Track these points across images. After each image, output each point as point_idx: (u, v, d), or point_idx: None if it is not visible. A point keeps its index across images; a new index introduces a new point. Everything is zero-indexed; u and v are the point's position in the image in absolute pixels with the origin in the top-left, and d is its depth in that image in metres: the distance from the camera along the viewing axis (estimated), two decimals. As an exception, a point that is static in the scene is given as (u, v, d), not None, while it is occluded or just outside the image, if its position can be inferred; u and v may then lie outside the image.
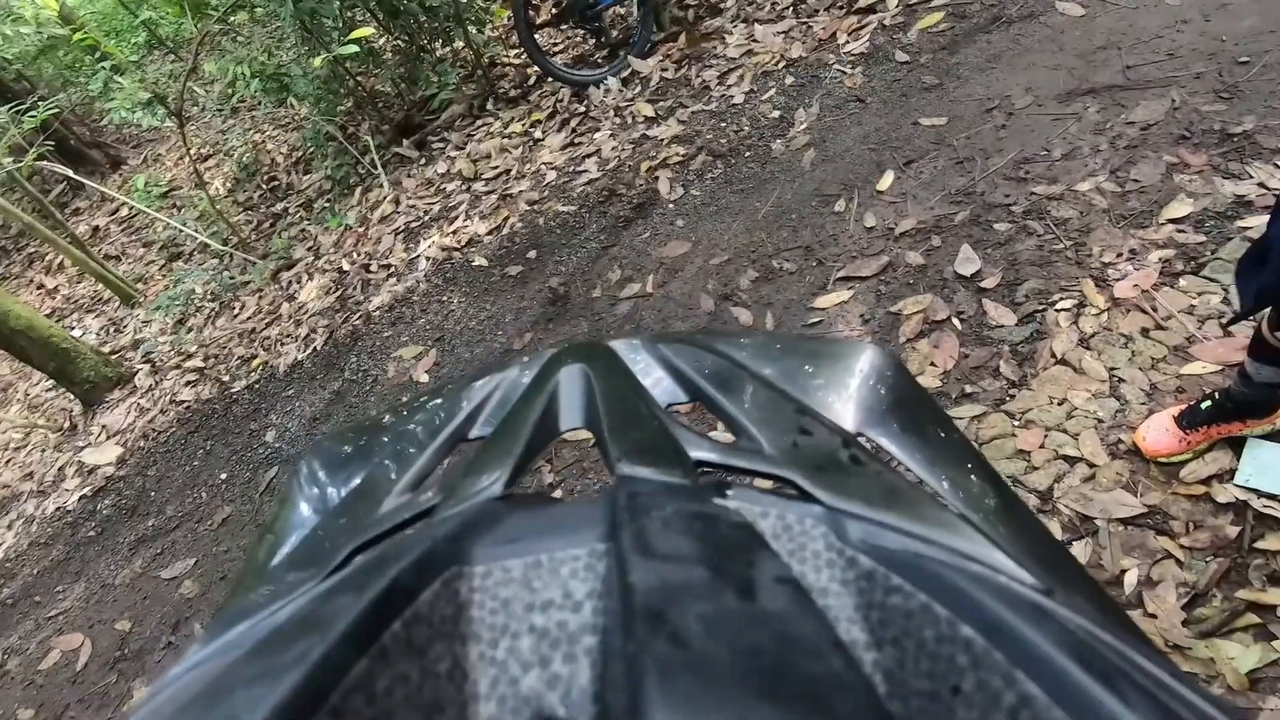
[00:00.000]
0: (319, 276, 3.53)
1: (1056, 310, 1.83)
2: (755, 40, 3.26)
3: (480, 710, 0.24)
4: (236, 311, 3.71)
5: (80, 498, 3.14)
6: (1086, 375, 1.70)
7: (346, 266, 3.46)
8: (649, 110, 3.25)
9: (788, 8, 3.33)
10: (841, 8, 3.18)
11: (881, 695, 0.24)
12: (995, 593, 0.26)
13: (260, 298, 3.68)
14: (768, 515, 0.31)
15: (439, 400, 0.58)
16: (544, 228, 3.04)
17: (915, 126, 2.53)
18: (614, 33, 3.75)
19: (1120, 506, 1.50)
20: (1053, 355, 1.76)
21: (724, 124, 2.99)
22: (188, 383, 3.41)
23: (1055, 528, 1.51)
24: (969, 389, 1.79)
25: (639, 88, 3.44)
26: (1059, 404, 1.69)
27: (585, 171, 3.15)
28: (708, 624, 0.21)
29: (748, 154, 2.82)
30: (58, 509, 3.17)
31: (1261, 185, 1.83)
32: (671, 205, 2.80)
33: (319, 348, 3.14)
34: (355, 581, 0.29)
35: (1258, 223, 1.75)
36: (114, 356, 3.83)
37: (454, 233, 3.24)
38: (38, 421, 3.85)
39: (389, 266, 3.31)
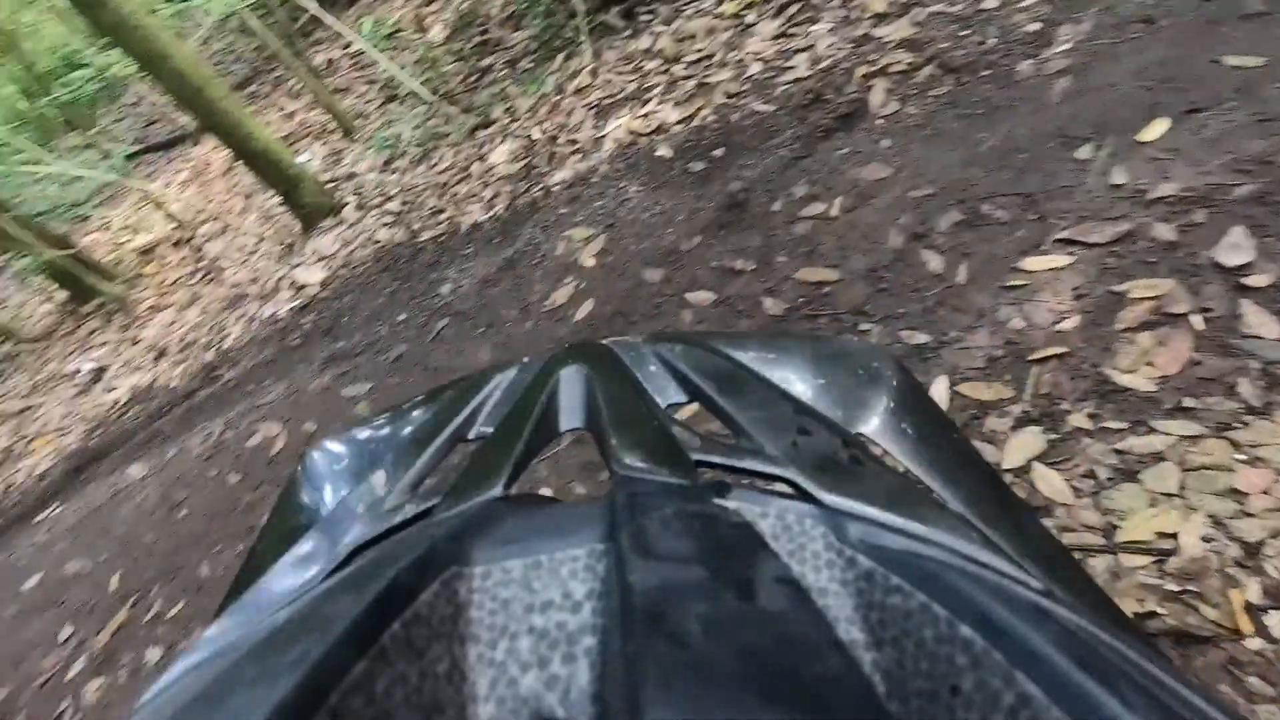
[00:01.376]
0: (511, 141, 3.61)
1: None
2: (1031, -70, 2.72)
3: (479, 711, 0.24)
4: (434, 162, 3.92)
5: (290, 309, 3.60)
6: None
7: (537, 135, 3.50)
8: (880, 5, 2.87)
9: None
10: (1158, -105, 2.54)
11: (881, 695, 0.24)
12: (995, 593, 0.25)
13: (456, 152, 3.85)
14: (767, 515, 0.31)
15: (439, 400, 0.58)
16: (736, 125, 2.86)
17: (1214, 65, 2.03)
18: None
19: (1354, 589, 1.24)
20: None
21: (966, 32, 2.58)
22: (385, 224, 3.72)
23: (1254, 588, 1.29)
24: (1189, 403, 1.51)
25: (875, -24, 3.03)
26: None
27: (793, 68, 2.89)
28: (707, 624, 0.21)
29: (985, 73, 2.43)
30: (273, 315, 3.67)
31: None
32: (880, 122, 2.52)
33: (499, 213, 3.26)
34: (355, 581, 0.29)
35: None
36: (330, 186, 4.24)
37: (644, 116, 3.15)
38: (266, 234, 4.41)
39: (575, 142, 3.31)
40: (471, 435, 0.52)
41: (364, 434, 0.59)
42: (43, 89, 5.22)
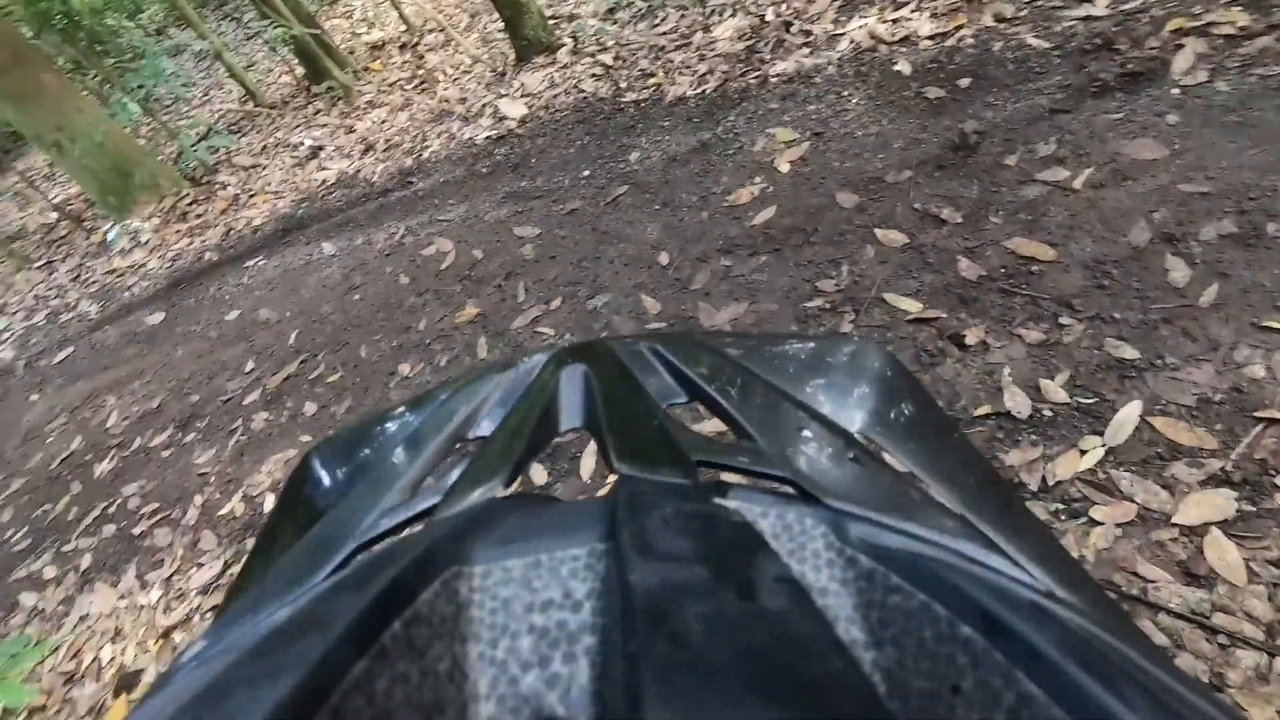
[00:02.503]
0: (740, 17, 3.39)
1: None
2: None
3: (480, 710, 0.24)
4: (657, 22, 3.78)
5: (486, 138, 3.73)
6: None
7: (770, 17, 3.26)
8: (1232, -55, 2.33)
9: None
10: None
11: (881, 695, 0.25)
12: (995, 593, 0.26)
13: (682, 17, 3.68)
14: (767, 515, 0.31)
15: (439, 400, 0.58)
16: (995, 56, 2.51)
17: None
18: None
19: None
20: None
21: (1336, 3, 2.05)
22: (593, 75, 3.68)
23: None
24: None
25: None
26: None
27: (1089, 3, 2.45)
28: (707, 624, 0.21)
29: (1342, 61, 1.95)
30: (470, 138, 3.82)
31: None
32: (1176, 91, 2.11)
33: (708, 92, 3.13)
34: (355, 581, 0.29)
35: None
36: (551, 23, 4.22)
37: (894, 21, 2.83)
38: (482, 56, 4.51)
39: (809, 34, 3.05)
40: (471, 435, 0.52)
41: (364, 434, 0.59)
42: None
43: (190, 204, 4.93)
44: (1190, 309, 1.65)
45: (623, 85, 3.48)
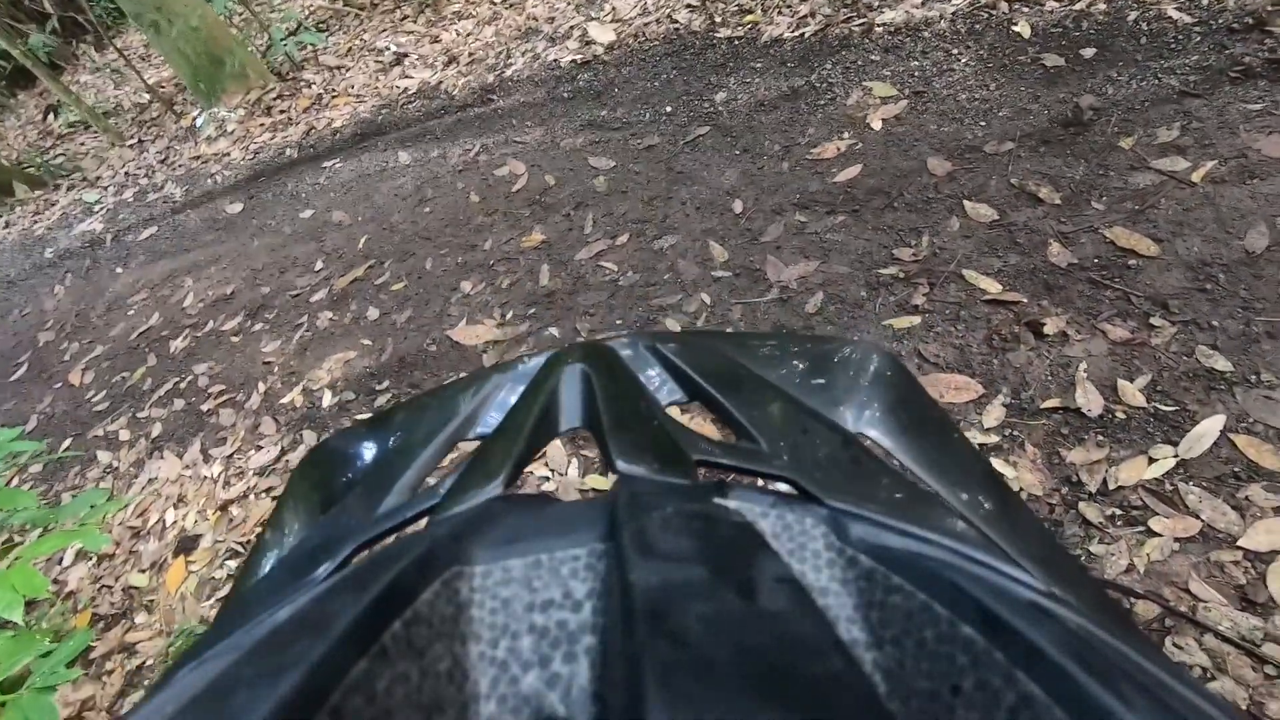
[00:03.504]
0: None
1: None
2: None
3: (480, 710, 0.24)
4: (762, -46, 3.58)
5: (571, 61, 3.64)
6: None
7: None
8: None
9: None
10: None
11: (882, 695, 0.24)
12: (995, 593, 0.25)
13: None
14: (768, 515, 0.31)
15: (440, 400, 0.57)
16: (1129, 27, 2.31)
17: None
18: None
19: None
20: None
21: None
22: (687, 6, 3.54)
23: None
24: None
25: None
26: None
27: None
28: (708, 624, 0.21)
29: None
30: (555, 60, 3.74)
31: None
32: (1330, 85, 1.91)
33: (807, 35, 2.98)
34: (355, 581, 0.29)
35: None
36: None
37: (1019, -23, 2.62)
38: (576, -25, 4.37)
39: (925, -18, 2.85)
40: (471, 435, 0.52)
41: (364, 434, 0.59)
42: None
43: (275, 98, 5.01)
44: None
45: (718, 20, 3.34)
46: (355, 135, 4.21)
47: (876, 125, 2.47)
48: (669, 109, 3.04)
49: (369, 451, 0.57)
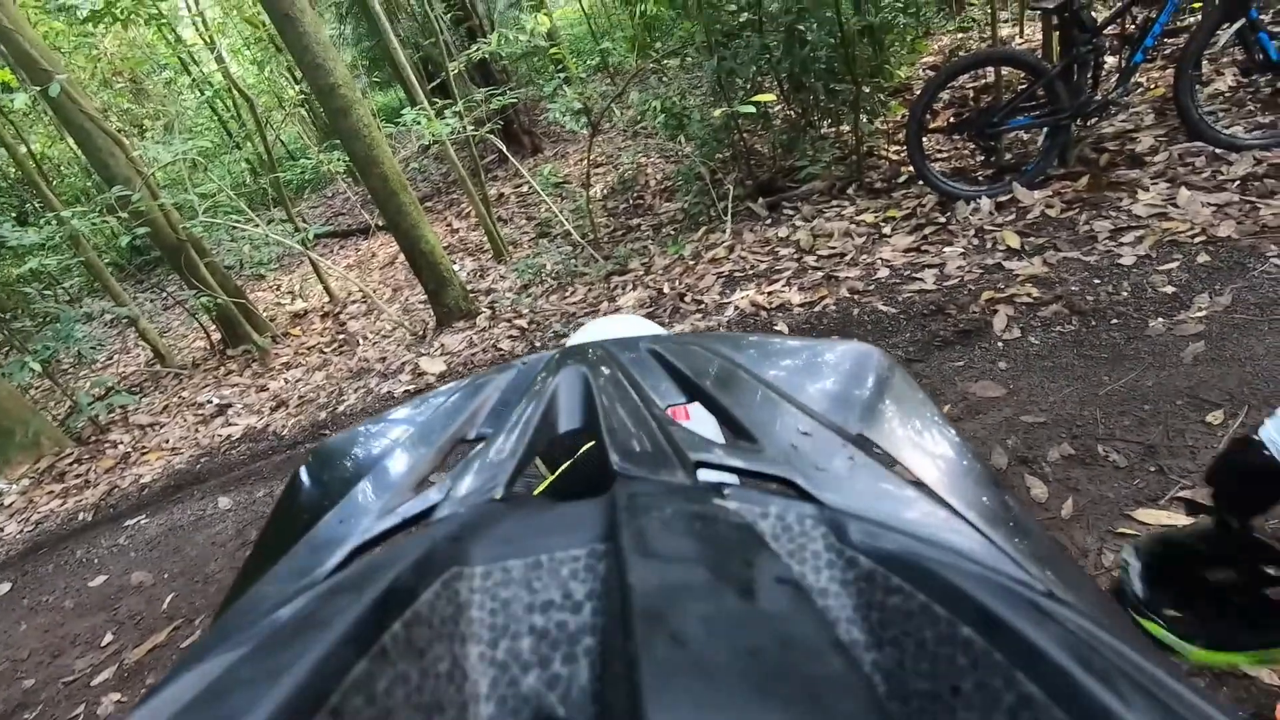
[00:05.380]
0: (640, 289, 3.90)
1: None
2: (1175, 204, 2.84)
3: (480, 711, 0.24)
4: (568, 294, 4.27)
5: (405, 391, 3.86)
6: None
7: (666, 289, 3.78)
8: (1015, 241, 3.02)
9: (1233, 180, 2.85)
10: (1310, 198, 2.62)
11: (881, 696, 0.24)
12: (995, 593, 0.25)
13: (589, 290, 4.18)
14: (767, 515, 0.31)
15: (440, 401, 0.58)
16: (855, 318, 2.99)
17: (1366, 362, 1.98)
18: (1007, 155, 3.56)
19: None
20: None
21: (1097, 281, 2.65)
22: (509, 335, 4.02)
23: None
24: (1321, 710, 1.34)
25: (1012, 216, 3.21)
26: None
27: (920, 280, 3.03)
28: (707, 625, 0.21)
29: (1114, 321, 2.47)
30: (388, 392, 3.95)
31: None
32: (1000, 344, 2.56)
33: (615, 349, 3.47)
34: (355, 582, 0.29)
35: None
36: (471, 294, 4.67)
37: (769, 293, 3.35)
38: (404, 322, 4.85)
39: (700, 302, 3.54)
40: (472, 436, 0.51)
41: (364, 434, 0.59)
42: (267, 170, 6.24)
43: (72, 463, 4.64)
44: (1056, 520, 1.84)
45: (537, 344, 3.80)
46: (168, 488, 3.94)
47: (688, 412, 2.83)
48: (503, 421, 3.26)
49: (369, 452, 0.54)
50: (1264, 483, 0.92)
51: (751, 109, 3.62)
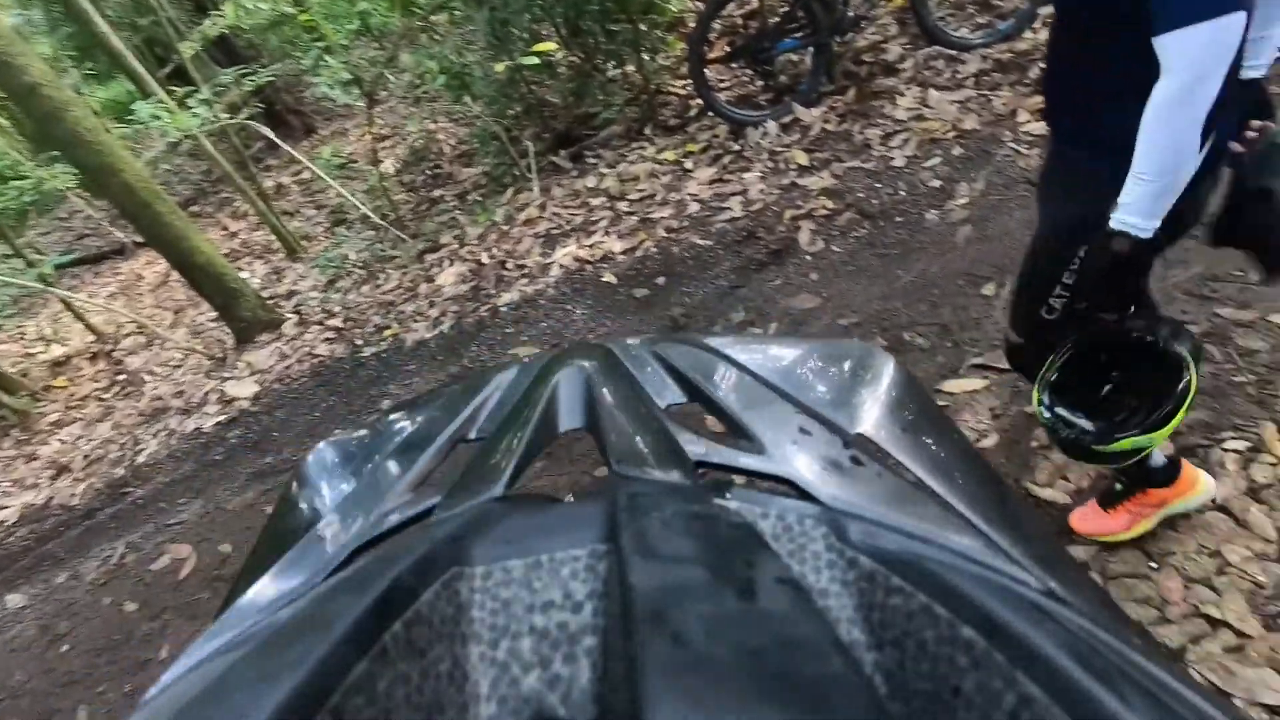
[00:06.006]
0: (458, 264, 3.73)
1: (1224, 450, 1.62)
2: (927, 105, 3.17)
3: (481, 710, 0.24)
4: (380, 282, 3.98)
5: (215, 424, 3.45)
6: (1250, 530, 1.49)
7: (485, 260, 3.64)
8: (804, 159, 3.22)
9: (968, 77, 3.21)
10: (1028, 84, 3.03)
11: (882, 696, 0.24)
12: (995, 593, 0.25)
13: (403, 274, 3.93)
14: (768, 516, 0.31)
15: (440, 401, 0.58)
16: (677, 257, 3.07)
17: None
18: (782, 77, 3.76)
19: (1269, 690, 1.30)
20: (1211, 499, 1.56)
21: (879, 185, 2.91)
22: (325, 339, 3.69)
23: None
24: (1103, 514, 1.62)
25: (798, 135, 3.42)
26: (1210, 555, 1.50)
27: (728, 209, 3.16)
28: (708, 625, 0.21)
29: (898, 219, 2.73)
30: (196, 429, 3.50)
31: None
32: (809, 257, 2.75)
33: (445, 331, 3.31)
34: (356, 582, 0.29)
35: None
36: (270, 302, 4.21)
37: (590, 246, 3.34)
38: (196, 347, 4.29)
39: (523, 267, 3.45)
40: (472, 435, 0.52)
41: (365, 434, 0.58)
42: (-29, 199, 5.15)
43: None
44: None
45: (359, 343, 3.53)
46: (-70, 603, 3.26)
47: (534, 380, 2.78)
48: (338, 432, 3.02)
49: (369, 452, 0.52)
50: (1122, 273, 1.03)
51: (534, 60, 3.50)
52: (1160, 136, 0.92)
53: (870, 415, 0.48)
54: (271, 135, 4.67)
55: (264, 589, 0.37)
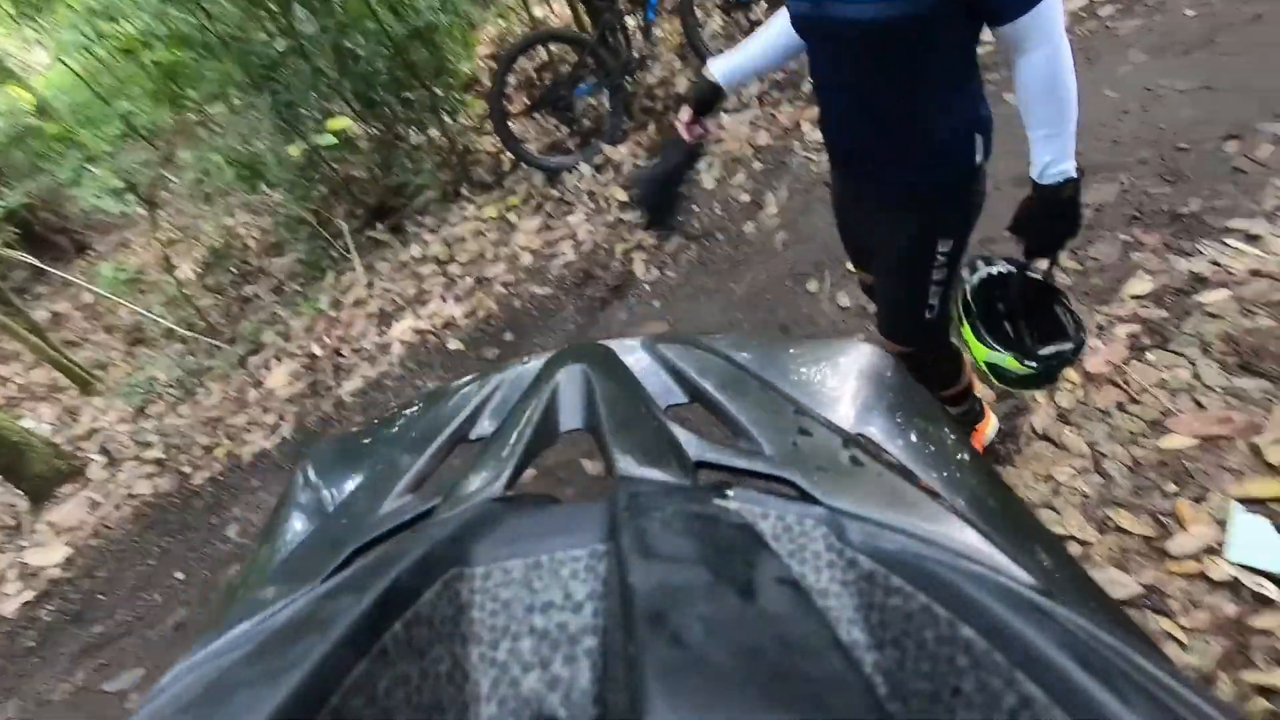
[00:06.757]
0: (288, 361, 3.46)
1: (1032, 385, 1.85)
2: (723, 129, 3.40)
3: (481, 711, 0.24)
4: (200, 399, 3.59)
5: (21, 604, 2.92)
6: (1069, 451, 1.70)
7: (318, 351, 3.40)
8: (622, 195, 3.33)
9: (752, 99, 3.50)
10: (802, 100, 3.34)
11: (882, 696, 0.24)
12: (995, 593, 0.25)
13: (226, 384, 3.58)
14: (768, 516, 0.32)
15: (439, 401, 0.58)
16: (520, 310, 3.04)
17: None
18: (585, 121, 3.88)
19: (1115, 586, 1.47)
20: (1033, 431, 1.77)
21: (696, 207, 3.07)
22: (145, 475, 3.26)
23: (1052, 610, 1.48)
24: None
25: (612, 173, 3.53)
26: (1044, 480, 1.69)
27: (561, 254, 3.19)
28: (708, 625, 0.21)
29: (721, 236, 2.89)
30: (-5, 616, 2.94)
31: (1214, 263, 1.91)
32: (648, 287, 2.83)
33: (288, 435, 3.04)
34: (356, 583, 0.29)
35: (1216, 298, 1.81)
36: (67, 449, 3.66)
37: (429, 316, 3.23)
38: (-21, 519, 3.62)
39: (361, 350, 3.26)
40: (472, 436, 0.51)
41: (365, 435, 0.57)
42: None
43: None
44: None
45: (187, 470, 3.15)
46: None
47: (397, 465, 2.61)
48: (181, 575, 2.66)
49: (370, 452, 0.51)
50: (1050, 216, 1.15)
51: (330, 139, 3.36)
52: (1064, 91, 1.04)
53: (870, 415, 0.49)
54: (35, 261, 4.11)
55: (264, 589, 0.36)
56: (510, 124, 3.56)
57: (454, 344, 3.02)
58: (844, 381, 0.53)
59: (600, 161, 3.60)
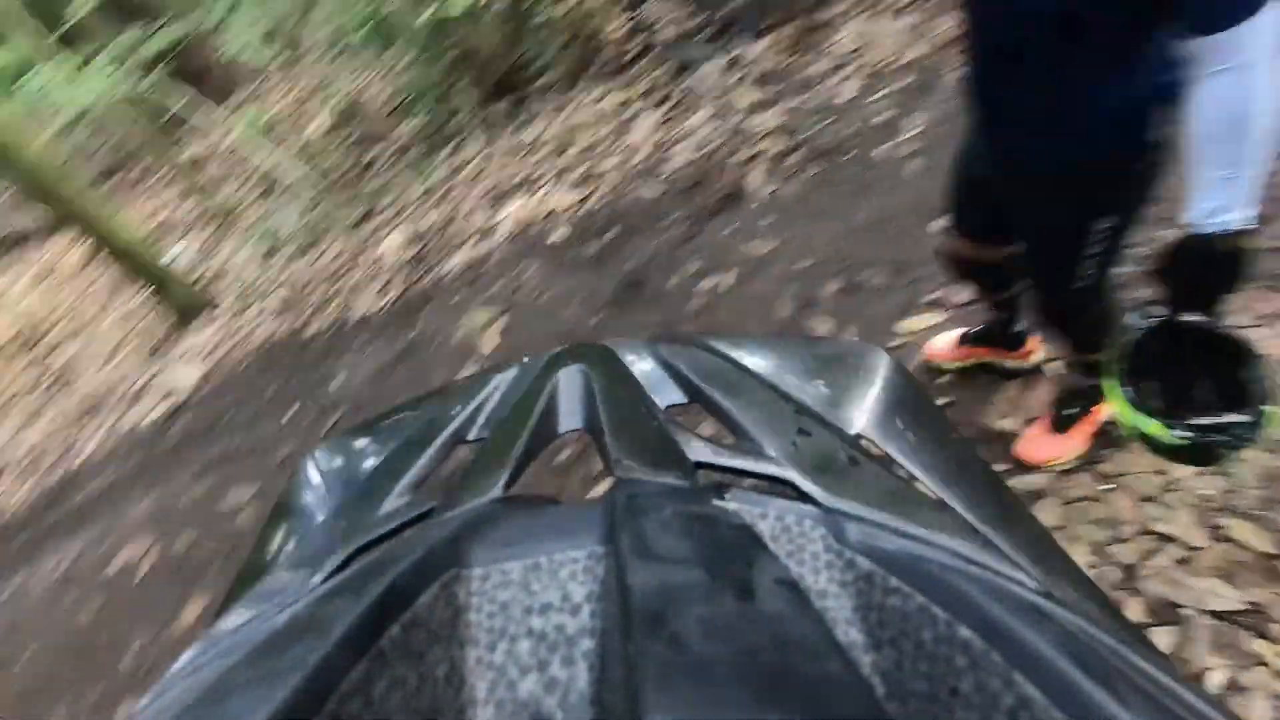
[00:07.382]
0: (400, 228, 3.58)
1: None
2: (870, 36, 3.09)
3: (479, 714, 0.24)
4: (320, 253, 3.81)
5: (160, 414, 3.30)
6: (1198, 448, 1.54)
7: (428, 224, 3.50)
8: (750, 98, 3.13)
9: (912, 2, 3.14)
10: (971, 9, 2.97)
11: (880, 697, 0.24)
12: (994, 594, 0.26)
13: (345, 242, 3.76)
14: (766, 517, 0.32)
15: (439, 401, 0.59)
16: (627, 208, 2.98)
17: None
18: (725, 9, 3.62)
19: (1215, 597, 1.36)
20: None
21: (827, 121, 2.85)
22: (274, 314, 3.53)
23: (1136, 607, 1.40)
24: (1060, 442, 1.66)
25: (743, 73, 3.32)
26: (1158, 473, 1.55)
27: (677, 155, 3.07)
28: (706, 627, 0.21)
29: (849, 156, 2.69)
30: (139, 422, 3.35)
31: None
32: (762, 200, 2.70)
33: (393, 300, 3.19)
34: (354, 584, 0.29)
35: None
36: (205, 282, 4.00)
37: (537, 202, 3.23)
38: (131, 334, 4.07)
39: (469, 228, 3.32)
40: (471, 436, 0.52)
41: (364, 435, 0.58)
42: None
43: None
44: (842, 351, 2.04)
45: (303, 318, 3.39)
46: None
47: (489, 345, 2.71)
48: (290, 413, 2.91)
49: (369, 453, 0.53)
50: (1204, 269, 0.95)
51: (459, 9, 3.30)
52: (1256, 130, 0.84)
53: (869, 416, 0.49)
54: (195, 92, 4.35)
55: (262, 591, 0.37)
56: (644, 6, 3.37)
57: (557, 234, 3.02)
58: (844, 381, 0.53)
59: (733, 57, 3.37)
